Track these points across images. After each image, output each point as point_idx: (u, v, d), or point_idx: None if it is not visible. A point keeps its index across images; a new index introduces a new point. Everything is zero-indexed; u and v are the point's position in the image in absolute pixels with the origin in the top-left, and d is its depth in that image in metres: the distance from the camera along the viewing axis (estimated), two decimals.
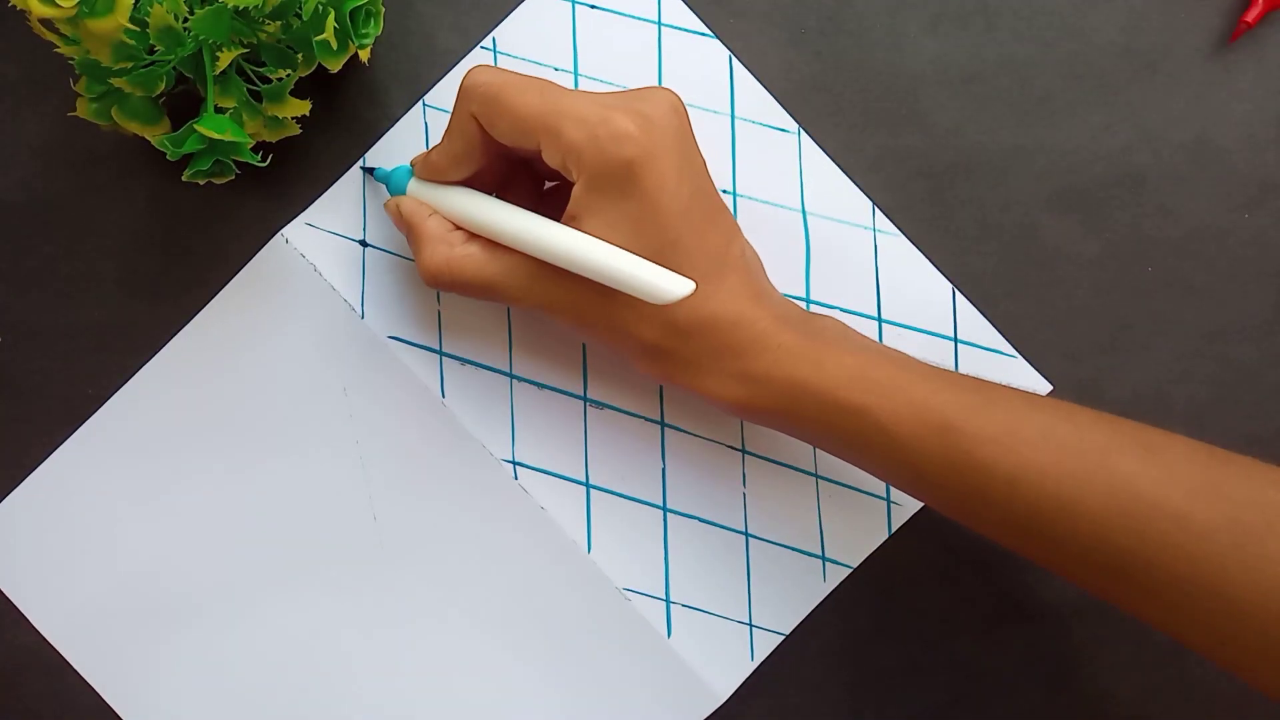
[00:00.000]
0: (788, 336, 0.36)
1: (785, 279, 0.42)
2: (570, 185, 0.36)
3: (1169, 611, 0.33)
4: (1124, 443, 0.34)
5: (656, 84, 0.37)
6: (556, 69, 0.42)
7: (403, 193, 0.40)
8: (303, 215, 0.43)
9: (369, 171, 0.42)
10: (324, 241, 0.43)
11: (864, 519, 0.43)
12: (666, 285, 0.34)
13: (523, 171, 0.40)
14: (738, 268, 0.37)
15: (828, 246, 0.43)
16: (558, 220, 0.36)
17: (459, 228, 0.38)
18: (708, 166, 0.37)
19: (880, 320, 0.43)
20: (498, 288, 0.37)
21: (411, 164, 0.40)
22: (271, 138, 0.40)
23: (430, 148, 0.40)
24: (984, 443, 0.34)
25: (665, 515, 0.43)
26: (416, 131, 0.42)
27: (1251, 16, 0.41)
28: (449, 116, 0.37)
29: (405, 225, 0.39)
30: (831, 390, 0.35)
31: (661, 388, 0.43)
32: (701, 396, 0.37)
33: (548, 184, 0.41)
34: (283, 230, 0.42)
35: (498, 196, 0.38)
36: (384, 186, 0.42)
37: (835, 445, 0.37)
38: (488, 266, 0.37)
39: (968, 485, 0.34)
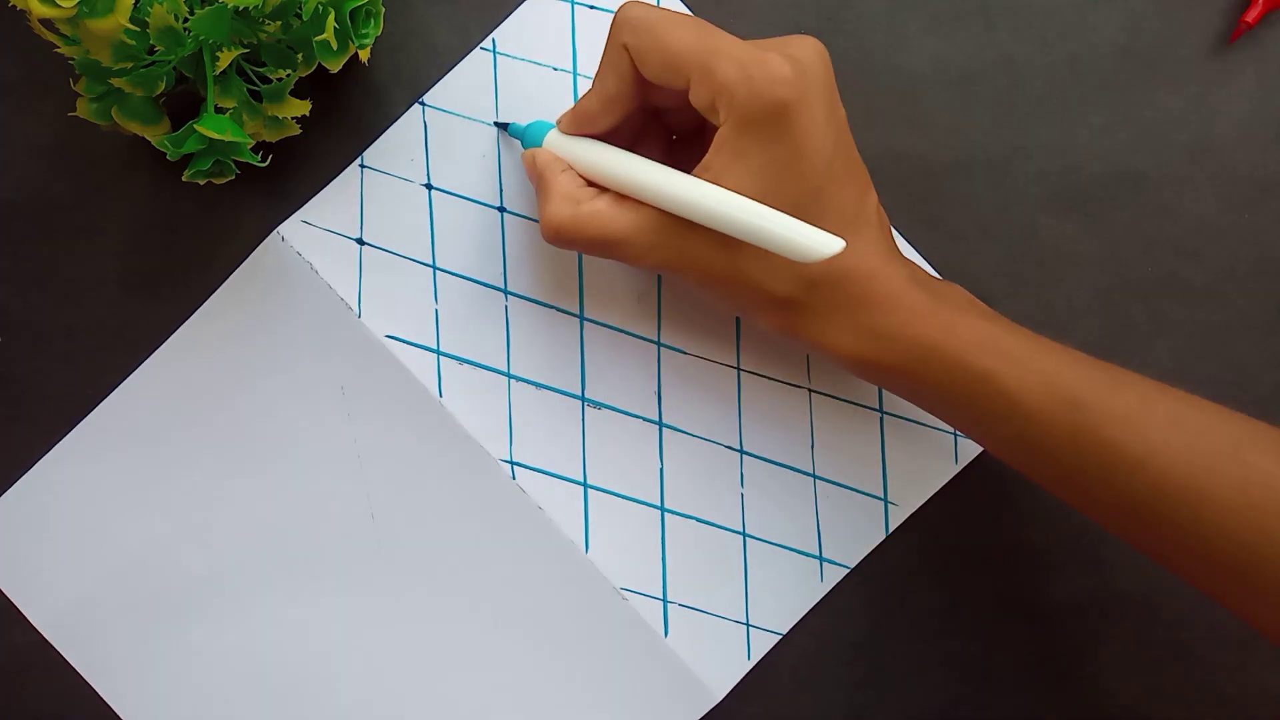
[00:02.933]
0: (919, 296, 0.36)
1: None
2: (703, 138, 0.35)
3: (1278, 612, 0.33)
4: (1259, 438, 0.33)
5: (798, 37, 0.36)
6: (556, 69, 0.42)
7: (538, 145, 0.39)
8: (299, 213, 0.43)
9: (502, 127, 0.42)
10: (321, 239, 0.43)
11: (861, 519, 0.43)
12: (817, 243, 0.33)
13: (654, 125, 0.39)
14: (872, 222, 0.36)
15: None
16: (688, 171, 0.35)
17: (590, 185, 0.37)
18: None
19: None
20: (624, 243, 0.36)
21: (557, 120, 0.39)
22: (271, 138, 0.40)
23: (575, 103, 0.39)
24: (1113, 422, 0.33)
25: (663, 515, 0.43)
26: (416, 132, 0.42)
27: (1251, 16, 0.41)
28: (600, 57, 0.37)
29: (536, 177, 0.38)
30: (960, 353, 0.35)
31: (660, 388, 0.43)
32: (824, 350, 0.37)
33: (675, 138, 0.41)
34: (279, 228, 0.43)
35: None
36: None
37: (955, 411, 0.36)
38: (615, 221, 0.36)
39: (1090, 464, 0.34)
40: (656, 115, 0.39)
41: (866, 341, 0.36)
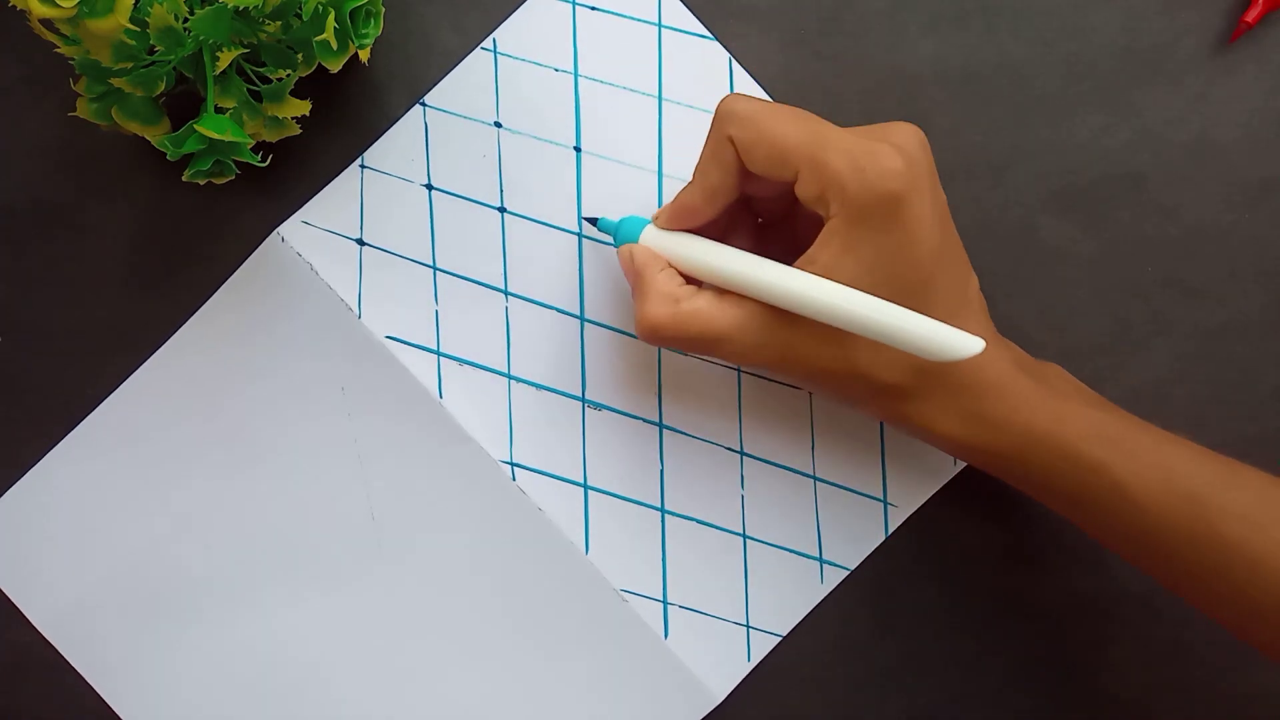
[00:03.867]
0: (1026, 382, 0.36)
1: None
2: (791, 224, 0.35)
3: None
4: None
5: (898, 125, 0.36)
6: (557, 69, 0.42)
7: (634, 240, 0.39)
8: (299, 213, 0.43)
9: (592, 221, 0.41)
10: (321, 240, 0.43)
11: (861, 521, 0.43)
12: (957, 345, 0.32)
13: (742, 214, 0.39)
14: (976, 308, 0.36)
15: None
16: (777, 258, 0.35)
17: (689, 282, 0.37)
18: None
19: None
20: (728, 341, 0.36)
21: (654, 217, 0.39)
22: (271, 138, 0.40)
23: (674, 197, 0.38)
24: (1231, 519, 0.33)
25: (663, 517, 0.43)
26: (416, 132, 0.42)
27: (1251, 16, 0.41)
28: (701, 151, 0.36)
29: (635, 274, 0.38)
30: (1072, 443, 0.34)
31: (660, 389, 0.43)
32: (933, 436, 0.37)
33: (761, 224, 0.40)
34: (279, 228, 0.42)
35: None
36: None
37: (1064, 501, 0.36)
38: (718, 319, 0.35)
39: (1207, 561, 0.33)
40: (745, 204, 0.39)
41: (975, 428, 0.36)
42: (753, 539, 0.43)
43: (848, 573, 0.43)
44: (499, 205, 0.43)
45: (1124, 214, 0.43)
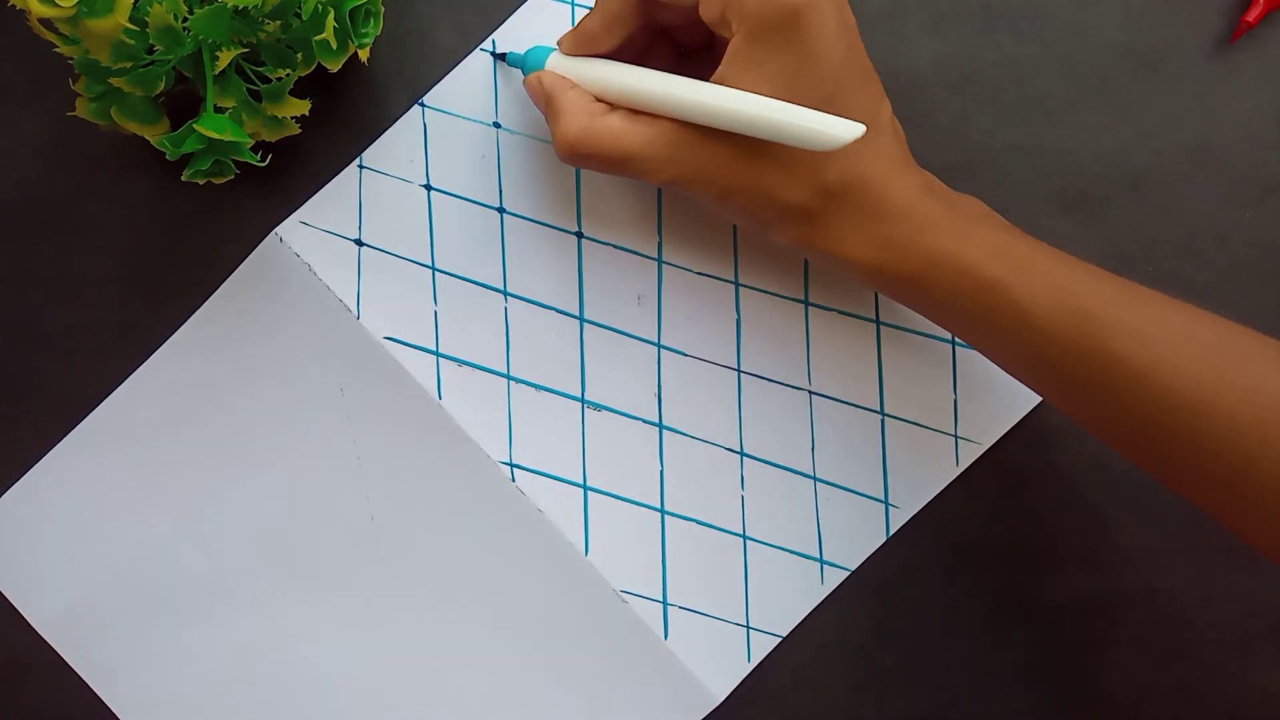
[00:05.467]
0: (934, 206, 0.36)
1: (786, 281, 0.42)
2: (710, 54, 0.35)
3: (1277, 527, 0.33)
4: (1269, 354, 0.33)
5: None
6: None
7: (540, 68, 0.39)
8: (297, 214, 0.43)
9: (500, 57, 0.42)
10: (319, 240, 0.43)
11: (862, 522, 0.43)
12: (837, 129, 0.32)
13: (658, 45, 0.39)
14: (887, 131, 0.36)
15: None
16: None
17: (600, 101, 0.37)
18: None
19: (878, 323, 0.43)
20: (638, 157, 0.36)
21: (558, 42, 0.39)
22: (271, 137, 0.40)
23: (578, 21, 0.39)
24: (1120, 334, 0.33)
25: (663, 517, 0.43)
26: (415, 132, 0.42)
27: (1252, 16, 0.41)
28: None
29: (545, 98, 0.38)
30: (973, 263, 0.35)
31: (660, 389, 0.43)
32: (839, 260, 0.37)
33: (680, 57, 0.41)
34: (277, 229, 0.42)
35: None
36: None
37: (963, 321, 0.36)
38: (628, 135, 0.35)
39: (1095, 375, 0.34)
40: (660, 34, 0.39)
41: (880, 250, 0.36)
42: (753, 540, 0.43)
43: (848, 573, 0.43)
44: (498, 206, 0.43)
45: (1124, 214, 0.43)
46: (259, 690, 0.43)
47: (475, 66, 0.42)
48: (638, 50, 0.39)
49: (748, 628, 0.43)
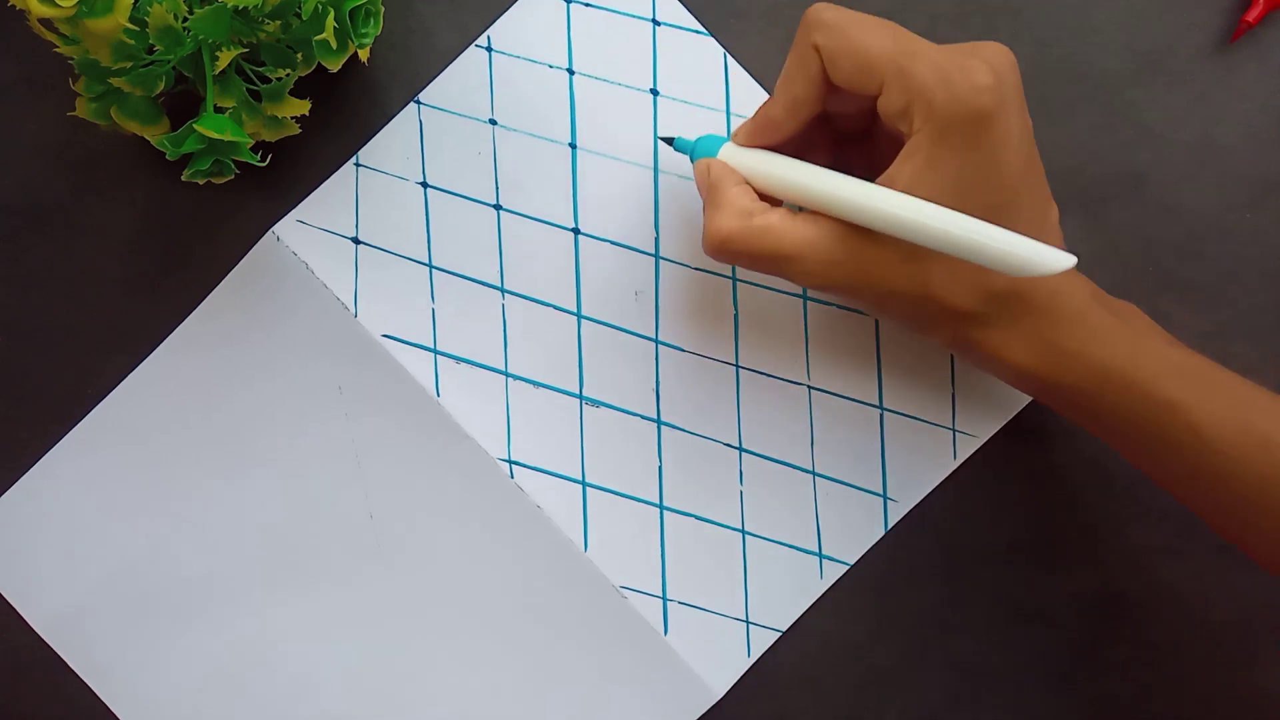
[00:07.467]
0: (1104, 316, 0.35)
1: None
2: (869, 144, 0.35)
3: None
4: None
5: (989, 43, 0.34)
6: (552, 66, 0.42)
7: (712, 156, 0.38)
8: (294, 212, 0.43)
9: (668, 141, 0.41)
10: (316, 239, 0.43)
11: (861, 516, 0.43)
12: (1048, 259, 0.31)
13: (820, 132, 0.38)
14: (1055, 235, 0.36)
15: None
16: (867, 178, 0.34)
17: (763, 200, 0.36)
18: None
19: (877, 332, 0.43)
20: (798, 259, 0.34)
21: (734, 133, 0.38)
22: (271, 137, 0.40)
23: (755, 111, 0.37)
24: None
25: (662, 513, 0.43)
26: (411, 130, 0.42)
27: (1252, 16, 0.41)
28: (785, 61, 0.35)
29: (707, 188, 0.37)
30: (1147, 380, 0.34)
31: (658, 385, 0.43)
32: (1001, 364, 0.36)
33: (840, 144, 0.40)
34: (274, 228, 0.43)
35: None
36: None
37: (1132, 441, 0.35)
38: (789, 235, 0.34)
39: None
40: (823, 122, 0.38)
41: (1046, 358, 0.35)
42: (752, 534, 0.43)
43: (847, 568, 0.43)
44: (495, 203, 0.43)
45: (1124, 214, 0.42)
46: (258, 688, 0.44)
47: (470, 64, 0.42)
48: (803, 141, 0.37)
49: (747, 623, 0.43)
